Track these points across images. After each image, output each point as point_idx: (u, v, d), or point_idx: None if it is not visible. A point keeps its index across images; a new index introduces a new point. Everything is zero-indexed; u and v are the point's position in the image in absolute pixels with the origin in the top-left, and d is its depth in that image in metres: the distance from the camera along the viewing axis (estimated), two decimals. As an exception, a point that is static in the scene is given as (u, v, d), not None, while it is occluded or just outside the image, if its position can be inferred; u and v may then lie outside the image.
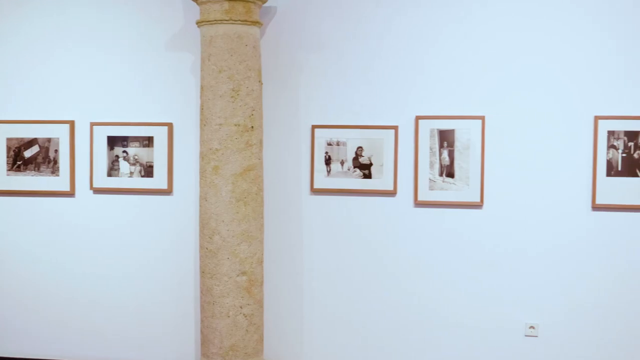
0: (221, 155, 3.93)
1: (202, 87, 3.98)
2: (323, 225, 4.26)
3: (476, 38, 4.07)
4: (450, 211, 4.14)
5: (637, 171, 3.97)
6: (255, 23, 3.96)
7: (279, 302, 4.35)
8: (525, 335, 4.11)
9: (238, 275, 3.98)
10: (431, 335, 4.21)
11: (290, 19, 4.23)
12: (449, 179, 4.12)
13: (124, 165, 4.39)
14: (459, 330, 4.18)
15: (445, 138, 4.11)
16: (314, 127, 4.24)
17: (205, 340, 4.07)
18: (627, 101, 3.95)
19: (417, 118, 4.13)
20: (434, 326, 4.20)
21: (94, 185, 4.42)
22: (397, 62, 4.15)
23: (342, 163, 4.21)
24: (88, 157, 4.41)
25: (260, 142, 4.04)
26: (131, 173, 4.38)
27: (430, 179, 4.13)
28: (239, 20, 3.90)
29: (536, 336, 4.10)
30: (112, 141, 4.39)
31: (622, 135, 3.97)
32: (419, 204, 4.16)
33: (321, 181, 4.24)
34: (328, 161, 4.23)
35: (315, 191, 4.26)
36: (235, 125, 3.92)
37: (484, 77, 4.07)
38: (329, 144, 4.23)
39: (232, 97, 3.91)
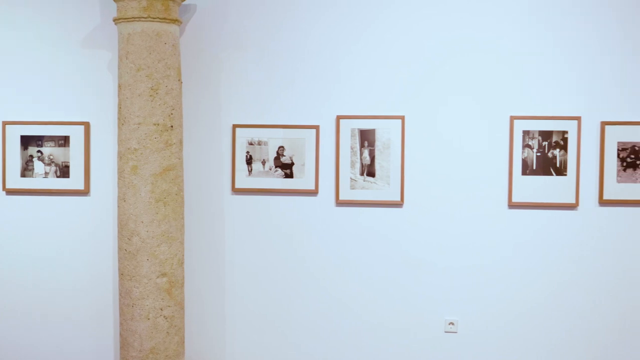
0: (140, 155, 3.94)
1: (119, 86, 3.97)
2: (245, 225, 4.31)
3: (397, 39, 4.18)
4: (371, 210, 4.25)
5: (551, 170, 4.16)
6: (175, 21, 3.98)
7: (201, 304, 4.38)
8: (445, 332, 4.26)
9: (158, 277, 4.00)
10: (353, 334, 4.31)
11: (210, 17, 4.27)
12: (370, 178, 4.23)
13: (38, 166, 4.35)
14: (380, 328, 4.29)
15: (366, 138, 4.22)
16: (235, 126, 4.28)
17: (124, 344, 4.08)
18: (541, 101, 4.13)
19: (338, 118, 4.22)
20: (356, 325, 4.30)
21: (7, 186, 4.36)
22: (318, 61, 4.23)
23: (263, 163, 4.28)
24: (0, 157, 4.35)
25: (180, 141, 4.07)
26: (46, 173, 4.34)
27: (351, 178, 4.24)
28: (158, 18, 3.91)
29: (456, 332, 4.25)
30: (26, 141, 4.35)
31: (536, 135, 4.15)
32: (340, 203, 4.26)
33: (242, 181, 4.29)
34: (249, 161, 4.29)
35: (236, 191, 4.31)
36: (155, 124, 3.94)
37: (404, 77, 4.19)
38: (250, 144, 4.29)
39: (151, 95, 3.92)
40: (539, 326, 4.20)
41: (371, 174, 4.21)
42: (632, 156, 4.09)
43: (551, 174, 4.13)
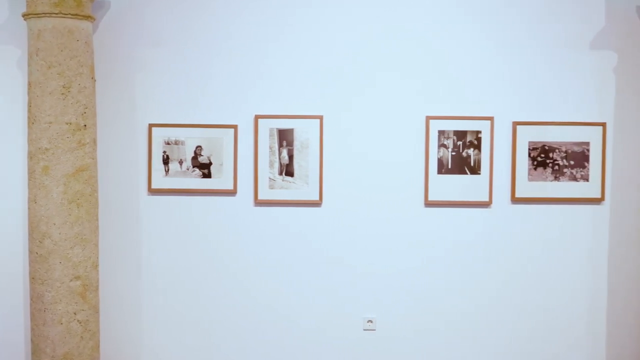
0: (51, 154, 3.91)
1: (29, 84, 3.93)
2: (162, 226, 4.34)
3: (315, 38, 4.26)
4: (290, 210, 4.34)
5: (466, 169, 4.35)
6: (88, 17, 3.97)
7: (117, 307, 4.37)
8: (364, 329, 4.39)
9: (71, 280, 3.98)
10: (273, 334, 4.38)
11: (125, 13, 4.27)
12: (289, 178, 4.32)
13: (-56, 166, 4.26)
14: (299, 326, 4.37)
15: (285, 137, 4.32)
16: (151, 125, 4.30)
17: (36, 350, 4.04)
18: (456, 102, 4.30)
19: (257, 117, 4.30)
20: (276, 324, 4.37)
21: None
22: (236, 60, 4.29)
23: (180, 162, 4.31)
24: None
25: (94, 141, 4.06)
26: (-48, 174, 4.26)
27: (270, 178, 4.32)
28: (70, 14, 3.88)
29: (374, 330, 4.39)
30: None
31: (451, 135, 4.33)
32: (259, 203, 4.33)
33: (159, 181, 4.32)
34: (166, 161, 4.31)
35: (153, 191, 4.33)
36: (67, 123, 3.92)
37: (322, 77, 4.28)
38: (167, 143, 4.31)
39: (62, 94, 3.90)
40: (456, 322, 4.37)
41: (290, 173, 4.30)
42: (542, 155, 4.31)
43: (466, 173, 4.31)
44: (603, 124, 4.26)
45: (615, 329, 4.35)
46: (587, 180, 4.28)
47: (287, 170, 4.26)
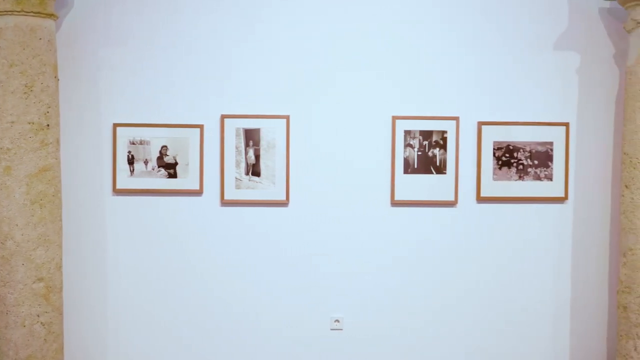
0: (13, 155, 3.89)
1: (-10, 83, 3.91)
2: (128, 226, 4.33)
3: (282, 37, 4.29)
4: (257, 210, 4.36)
5: (432, 168, 4.41)
6: (50, 15, 3.95)
7: (82, 309, 4.35)
8: (331, 329, 4.43)
9: (34, 282, 3.97)
10: (240, 334, 4.40)
11: (89, 12, 4.25)
12: (255, 178, 4.35)
13: None
14: (267, 326, 4.38)
15: (251, 137, 4.34)
16: (115, 125, 4.29)
17: (-2, 353, 4.02)
18: (422, 102, 4.35)
19: (223, 117, 4.31)
20: (243, 324, 4.39)
21: None
22: (202, 60, 4.30)
23: (146, 162, 4.31)
24: None
25: (57, 141, 4.04)
26: None
27: (236, 178, 4.34)
28: (32, 12, 3.86)
29: (341, 329, 4.43)
30: None
31: (417, 135, 4.39)
32: (225, 203, 4.35)
33: (124, 181, 4.31)
34: (131, 161, 4.31)
35: (118, 192, 4.33)
36: (29, 123, 3.90)
37: (289, 77, 4.31)
38: (132, 143, 4.31)
39: (25, 93, 3.88)
40: (423, 321, 4.43)
41: (256, 173, 4.33)
42: (507, 155, 4.39)
43: (432, 173, 4.38)
44: (566, 124, 4.35)
45: (579, 326, 4.44)
46: (551, 179, 4.37)
47: (254, 170, 4.28)
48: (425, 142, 4.32)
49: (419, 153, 4.32)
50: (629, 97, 4.10)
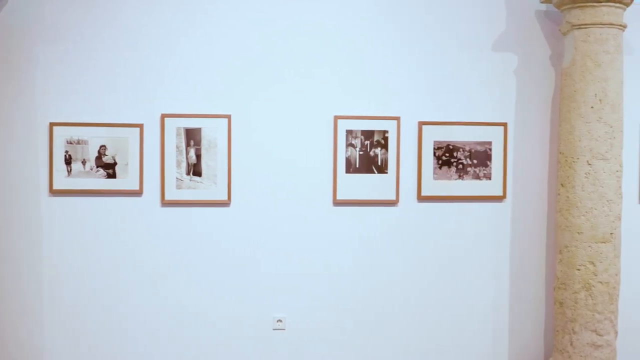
0: (-56, 155, 3.82)
1: None
2: (65, 227, 4.28)
3: (223, 36, 4.29)
4: (199, 210, 4.37)
5: (373, 168, 4.48)
6: (-17, 12, 3.89)
7: (16, 312, 4.29)
8: (274, 329, 4.47)
9: (-33, 286, 3.90)
10: (181, 335, 4.39)
11: (24, 9, 4.18)
12: (197, 178, 4.36)
13: None
14: (209, 327, 4.38)
15: (192, 137, 4.35)
16: (52, 124, 4.24)
17: None
18: (364, 102, 4.42)
19: (163, 116, 4.31)
20: (184, 325, 4.38)
21: None
22: (142, 58, 4.27)
23: (84, 162, 4.28)
24: None
25: (-9, 140, 3.98)
26: None
27: (177, 178, 4.34)
28: (-37, 8, 3.81)
29: (284, 329, 4.47)
30: None
31: (359, 135, 4.46)
32: (166, 203, 4.35)
33: (61, 182, 4.27)
34: (69, 161, 4.27)
35: (54, 192, 4.28)
36: (-39, 122, 3.84)
37: (231, 76, 4.32)
38: (70, 143, 4.27)
39: (-44, 91, 3.81)
40: (364, 320, 4.49)
41: (198, 173, 4.33)
42: (447, 155, 4.50)
43: (373, 172, 4.45)
44: (504, 124, 4.48)
45: (517, 322, 4.58)
46: (490, 178, 4.49)
47: (195, 170, 4.29)
48: (367, 142, 4.40)
49: (361, 153, 4.39)
50: (564, 98, 4.25)
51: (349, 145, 4.36)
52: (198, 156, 4.26)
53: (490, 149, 4.45)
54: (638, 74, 4.52)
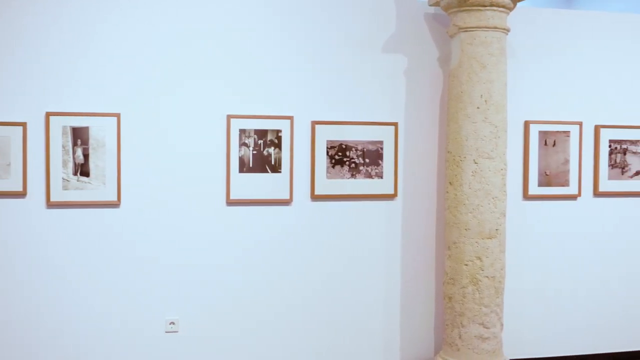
0: None
1: None
2: (-58, 231, 4.15)
3: (113, 36, 4.25)
4: (87, 211, 4.31)
5: (267, 167, 4.56)
6: None
7: None
8: (166, 332, 4.46)
9: None
10: (73, 338, 4.26)
11: None
12: (85, 178, 4.30)
13: None
14: (99, 330, 4.31)
15: (79, 136, 4.29)
16: None
17: None
18: (257, 101, 4.47)
19: (48, 114, 4.23)
20: (75, 329, 4.27)
21: None
22: (25, 55, 4.18)
23: (-38, 163, 4.15)
24: None
25: None
26: None
27: (64, 179, 4.27)
28: None
29: (177, 331, 4.47)
30: None
31: (252, 134, 4.52)
32: (52, 204, 4.26)
33: (-63, 183, 4.13)
34: (-55, 161, 4.13)
35: None
36: None
37: (120, 74, 4.28)
38: (-54, 142, 4.14)
39: None
40: (258, 320, 4.54)
41: (85, 173, 4.28)
42: (340, 154, 4.62)
43: (267, 172, 4.53)
44: (395, 124, 4.65)
45: (409, 317, 4.76)
46: (382, 177, 4.65)
47: (83, 170, 4.25)
48: (261, 141, 4.47)
49: (254, 152, 4.46)
50: (452, 99, 4.45)
51: (243, 144, 4.42)
52: (86, 156, 4.22)
53: (382, 148, 4.61)
54: (521, 76, 4.75)
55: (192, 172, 4.36)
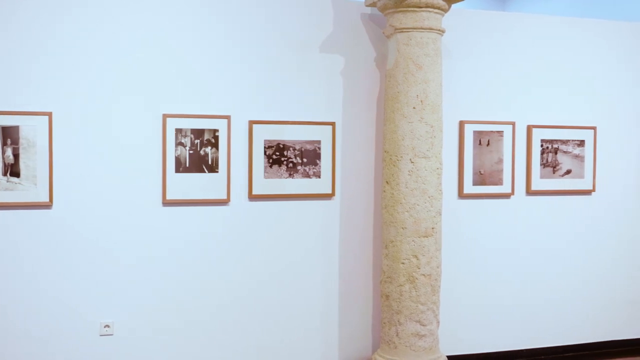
0: None
1: None
2: None
3: (47, 31, 4.19)
4: (17, 212, 4.23)
5: (204, 167, 4.56)
6: None
7: None
8: (101, 335, 4.42)
9: None
10: (4, 344, 4.22)
11: None
12: (15, 179, 4.23)
13: None
14: (32, 335, 4.23)
15: (9, 135, 4.21)
16: None
17: None
18: (194, 100, 4.47)
19: (-25, 113, 4.15)
20: (7, 333, 4.18)
21: None
22: (-49, 51, 4.12)
23: None
24: None
25: None
26: None
27: (-8, 179, 4.20)
28: None
29: (112, 334, 4.44)
30: None
31: (189, 133, 4.52)
32: (-20, 206, 4.18)
33: None
34: None
35: None
36: None
37: (52, 72, 4.21)
38: None
39: None
40: (197, 321, 4.54)
41: (16, 174, 4.21)
42: (278, 154, 4.66)
43: (204, 171, 4.53)
44: (332, 124, 4.71)
45: (347, 316, 4.83)
46: (319, 177, 4.71)
47: (13, 170, 4.18)
48: (197, 141, 4.47)
49: (191, 152, 4.46)
50: (389, 99, 4.53)
51: (179, 144, 4.42)
52: (16, 156, 4.15)
53: (320, 148, 4.66)
54: (456, 77, 4.88)
55: (127, 172, 4.34)
